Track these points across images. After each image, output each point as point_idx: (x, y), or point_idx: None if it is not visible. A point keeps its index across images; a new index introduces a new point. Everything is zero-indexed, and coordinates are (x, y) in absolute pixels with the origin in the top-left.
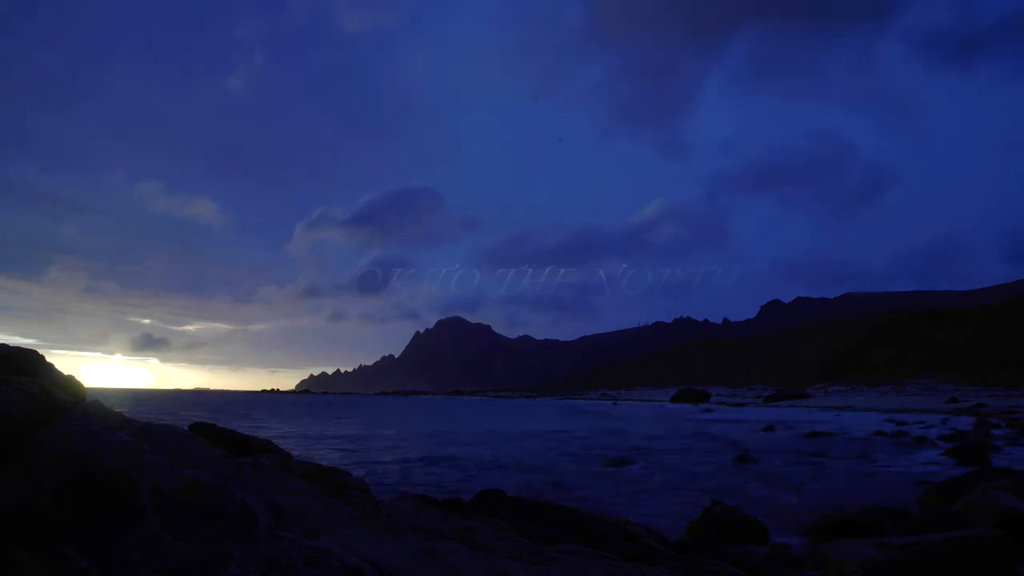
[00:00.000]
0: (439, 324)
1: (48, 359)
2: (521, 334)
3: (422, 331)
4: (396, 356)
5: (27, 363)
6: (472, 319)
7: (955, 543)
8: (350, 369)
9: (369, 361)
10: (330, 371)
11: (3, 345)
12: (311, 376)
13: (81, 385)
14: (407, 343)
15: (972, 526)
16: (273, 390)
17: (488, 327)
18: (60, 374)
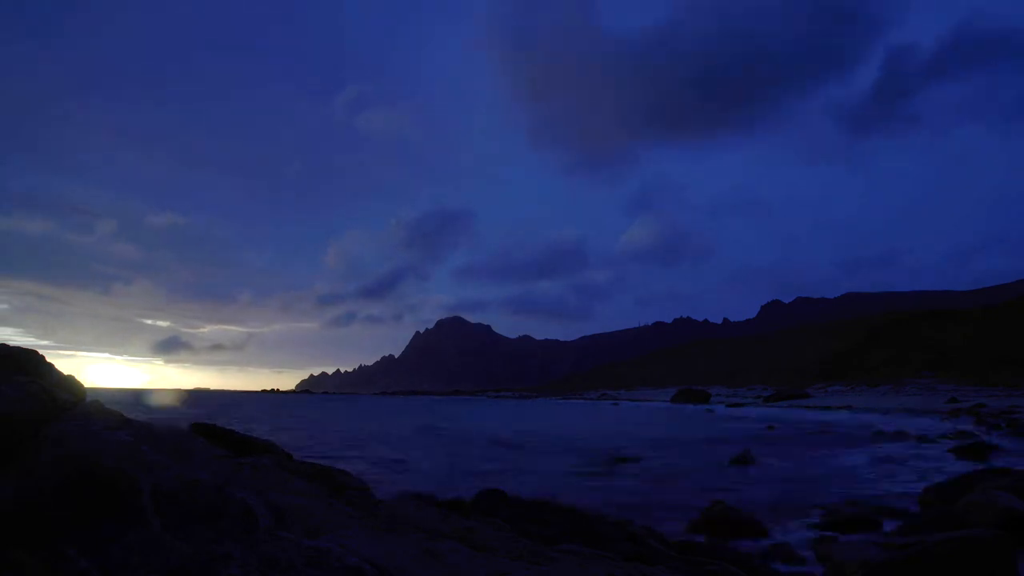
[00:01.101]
0: (439, 324)
1: (50, 359)
2: (521, 334)
3: (422, 331)
4: (396, 356)
5: (27, 363)
6: (472, 319)
7: (955, 543)
8: (350, 369)
9: (369, 361)
10: (330, 371)
11: (3, 345)
12: (311, 376)
13: (81, 385)
14: (407, 343)
15: (972, 526)
16: (273, 390)
17: (488, 327)
18: (60, 374)
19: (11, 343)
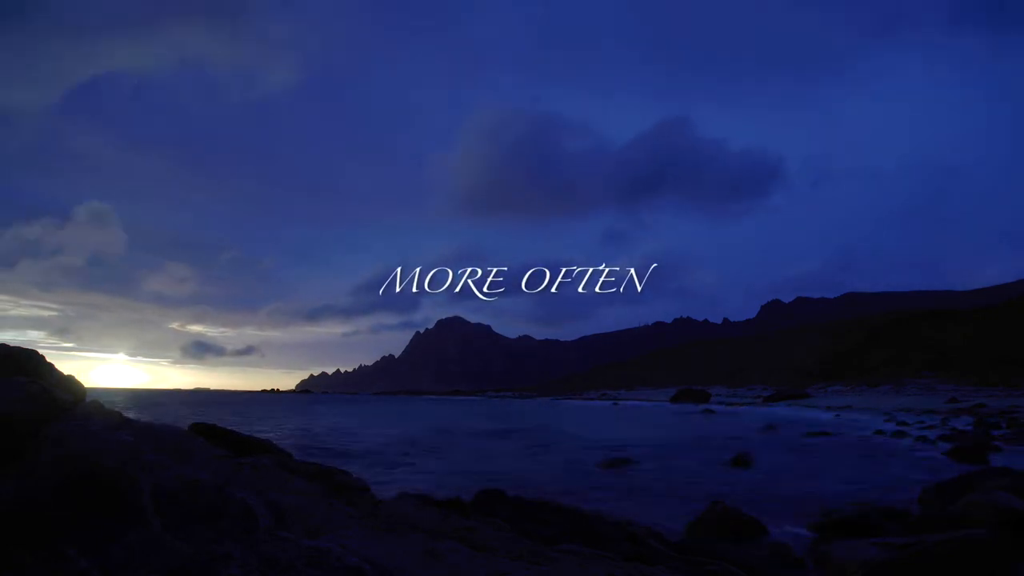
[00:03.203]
0: (439, 324)
1: (49, 359)
2: (521, 334)
3: (422, 331)
4: (396, 356)
5: (27, 363)
6: (472, 319)
7: (955, 543)
8: (350, 369)
9: (369, 361)
10: (330, 371)
11: (3, 345)
12: (311, 376)
13: (81, 385)
14: (407, 343)
15: (972, 526)
16: (273, 390)
17: (488, 327)
18: (60, 374)
19: (37, 346)
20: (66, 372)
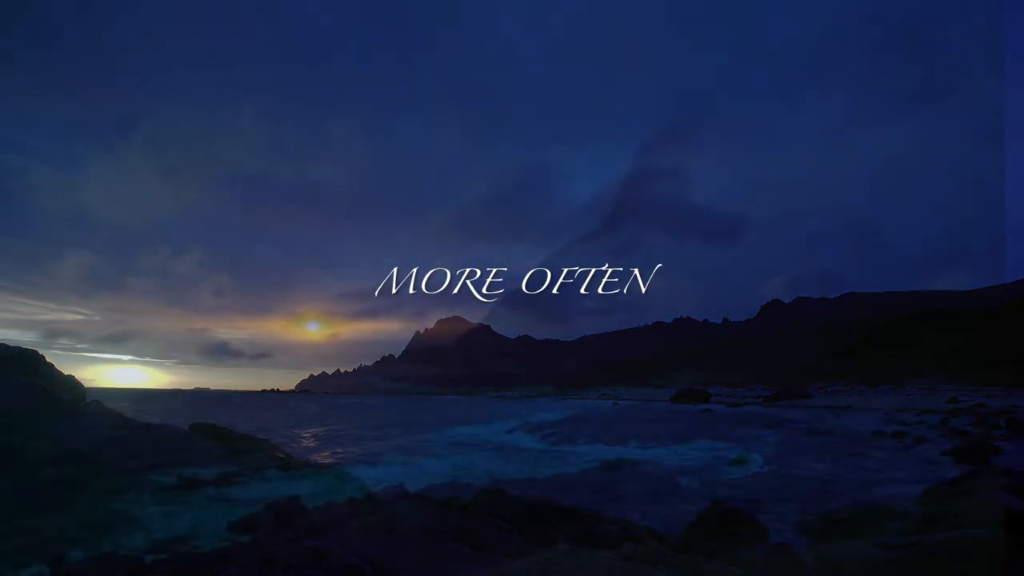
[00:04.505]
0: (439, 324)
1: (55, 360)
2: (521, 334)
3: (422, 331)
4: (396, 356)
5: (27, 363)
6: (472, 319)
7: (955, 543)
8: (350, 369)
9: (369, 361)
10: (330, 371)
11: (3, 345)
12: (311, 376)
13: (81, 385)
14: (407, 343)
15: (972, 526)
16: (273, 390)
17: (488, 327)
18: (60, 374)
19: (51, 349)
20: (84, 374)
